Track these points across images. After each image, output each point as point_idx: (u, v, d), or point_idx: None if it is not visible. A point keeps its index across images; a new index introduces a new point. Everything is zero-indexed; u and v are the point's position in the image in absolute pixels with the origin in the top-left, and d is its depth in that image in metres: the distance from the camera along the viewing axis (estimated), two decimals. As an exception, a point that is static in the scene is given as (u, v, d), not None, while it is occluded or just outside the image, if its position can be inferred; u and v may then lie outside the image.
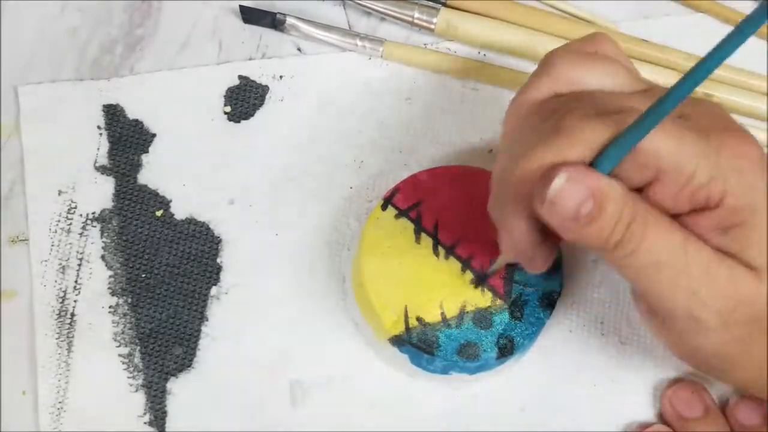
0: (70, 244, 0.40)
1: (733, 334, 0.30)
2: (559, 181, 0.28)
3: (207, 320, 0.39)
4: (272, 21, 0.44)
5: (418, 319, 0.35)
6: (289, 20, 0.44)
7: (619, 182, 0.29)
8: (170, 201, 0.41)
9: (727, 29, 0.24)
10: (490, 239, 0.37)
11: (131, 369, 0.38)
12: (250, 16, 0.44)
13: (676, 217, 0.30)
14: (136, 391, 0.38)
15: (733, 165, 0.29)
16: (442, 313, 0.35)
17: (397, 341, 0.36)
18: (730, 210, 0.29)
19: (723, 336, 0.30)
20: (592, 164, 0.29)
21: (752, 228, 0.29)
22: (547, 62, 0.32)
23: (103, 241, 0.40)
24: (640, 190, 0.29)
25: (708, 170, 0.28)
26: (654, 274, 0.29)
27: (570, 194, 0.28)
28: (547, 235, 0.31)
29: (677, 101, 0.26)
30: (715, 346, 0.31)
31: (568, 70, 0.31)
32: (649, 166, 0.28)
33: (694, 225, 0.30)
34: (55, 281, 0.39)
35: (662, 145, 0.28)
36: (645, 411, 0.38)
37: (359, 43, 0.44)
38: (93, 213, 0.40)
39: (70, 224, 0.40)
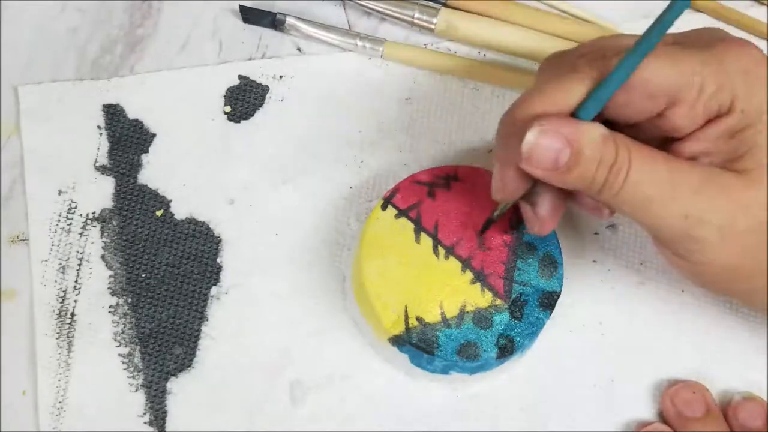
0: (70, 243, 0.40)
1: (737, 245, 0.31)
2: (531, 136, 0.29)
3: (207, 320, 0.39)
4: (272, 21, 0.44)
5: (418, 318, 0.35)
6: (289, 20, 0.44)
7: (599, 125, 0.30)
8: (170, 201, 0.41)
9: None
10: (490, 239, 0.37)
11: (131, 369, 0.38)
12: (250, 16, 0.44)
13: (691, 134, 0.31)
14: (136, 391, 0.38)
15: (738, 67, 0.30)
16: (442, 313, 0.35)
17: (397, 341, 0.36)
18: (740, 114, 0.30)
19: (728, 249, 0.31)
20: (577, 113, 0.30)
21: (759, 130, 0.30)
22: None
23: (103, 241, 0.40)
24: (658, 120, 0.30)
25: (714, 78, 0.29)
26: (646, 208, 0.30)
27: (545, 146, 0.29)
28: (545, 187, 0.32)
29: (644, 51, 0.28)
30: (723, 259, 0.31)
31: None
32: (656, 95, 0.29)
33: (706, 138, 0.30)
34: (55, 281, 0.39)
35: (659, 71, 0.29)
36: (645, 411, 0.38)
37: (359, 43, 0.44)
38: (93, 213, 0.40)
39: (70, 224, 0.40)
